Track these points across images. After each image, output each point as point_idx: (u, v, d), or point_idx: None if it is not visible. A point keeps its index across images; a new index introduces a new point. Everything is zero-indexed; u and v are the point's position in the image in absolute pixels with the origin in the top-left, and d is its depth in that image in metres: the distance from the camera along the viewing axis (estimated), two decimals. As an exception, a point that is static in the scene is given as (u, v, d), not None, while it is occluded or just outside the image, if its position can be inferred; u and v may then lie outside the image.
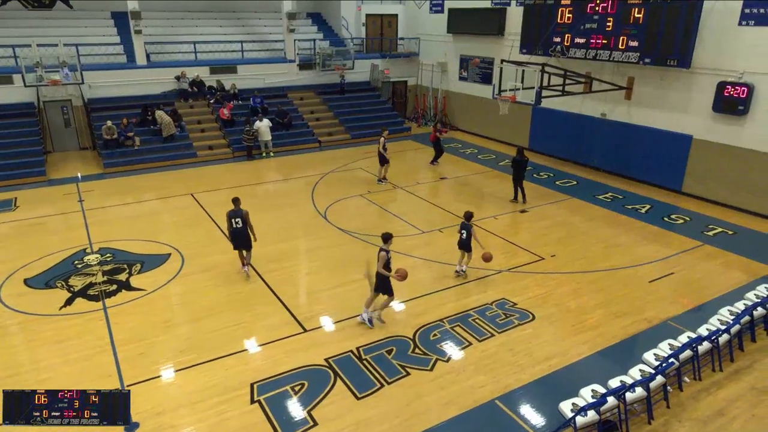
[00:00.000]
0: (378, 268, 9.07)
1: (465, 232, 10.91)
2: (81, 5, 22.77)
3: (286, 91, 23.75)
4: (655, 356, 7.89)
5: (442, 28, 24.16)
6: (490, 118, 21.47)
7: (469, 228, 10.87)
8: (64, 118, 20.41)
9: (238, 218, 10.82)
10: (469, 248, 11.01)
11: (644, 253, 12.45)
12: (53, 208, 15.06)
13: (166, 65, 22.08)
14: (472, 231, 10.86)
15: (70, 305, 10.06)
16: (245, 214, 10.84)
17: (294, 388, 7.88)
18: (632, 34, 15.86)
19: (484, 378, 8.16)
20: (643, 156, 17.25)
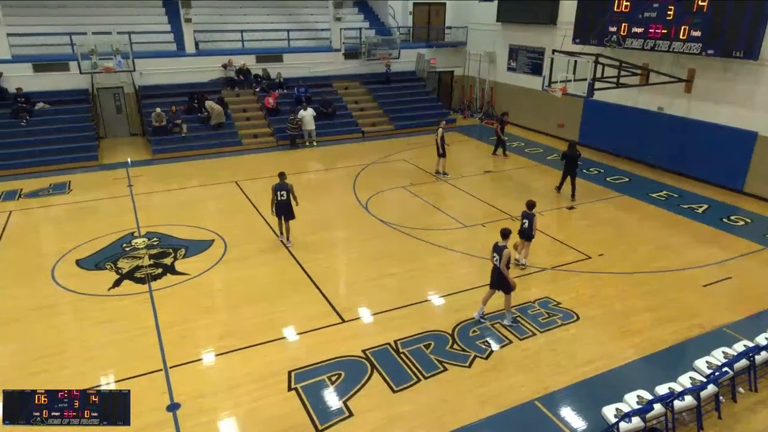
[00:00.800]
0: (501, 267, 8.92)
1: (527, 221, 10.91)
2: (134, -6, 23.58)
3: (331, 80, 23.92)
4: (708, 364, 7.59)
5: (492, 16, 23.74)
6: (538, 110, 21.02)
7: (531, 217, 10.85)
8: (116, 105, 21.22)
9: (284, 191, 11.85)
10: (530, 237, 11.01)
11: (699, 256, 11.95)
12: (104, 192, 15.72)
13: (213, 53, 22.60)
14: (534, 220, 10.85)
15: (118, 286, 10.50)
16: (290, 188, 11.92)
17: (331, 377, 7.99)
18: (695, 24, 15.16)
19: (523, 378, 8.06)
20: (702, 153, 16.51)
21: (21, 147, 17.80)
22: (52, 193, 15.58)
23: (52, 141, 18.22)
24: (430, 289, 10.57)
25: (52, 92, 19.57)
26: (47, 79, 19.53)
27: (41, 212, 14.34)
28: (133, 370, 8.06)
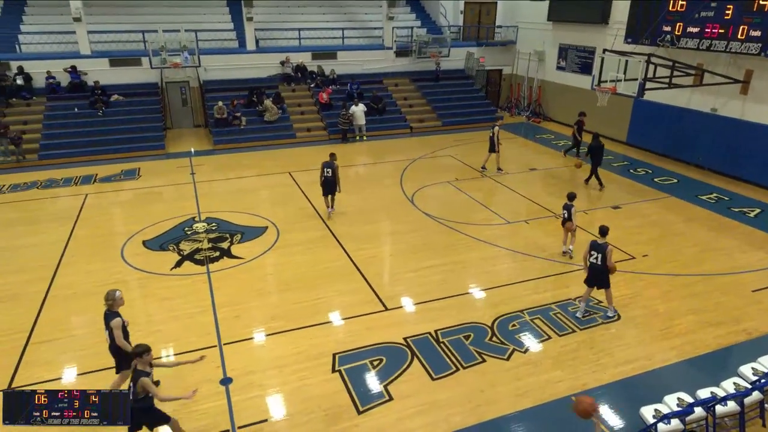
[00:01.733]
0: (609, 263, 8.69)
1: (566, 212, 11.03)
2: (201, -6, 24.27)
3: (381, 77, 23.93)
4: (753, 371, 7.19)
5: (543, 15, 23.10)
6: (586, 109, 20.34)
7: (570, 208, 10.94)
8: (182, 98, 21.97)
9: (330, 169, 12.84)
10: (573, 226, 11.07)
11: (749, 260, 11.33)
12: (169, 179, 16.33)
13: (272, 51, 23.00)
14: (573, 210, 10.89)
15: (179, 267, 10.92)
16: (336, 167, 12.88)
17: (373, 362, 8.07)
18: (754, 23, 14.26)
19: (561, 373, 7.89)
20: (756, 155, 15.58)
21: (97, 135, 18.70)
22: (124, 178, 16.32)
23: (125, 131, 19.06)
24: (471, 282, 10.48)
25: (125, 85, 20.46)
26: (122, 73, 20.43)
27: (113, 196, 15.06)
28: (191, 345, 8.39)
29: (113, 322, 6.85)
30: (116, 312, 6.96)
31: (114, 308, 6.96)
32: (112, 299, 6.90)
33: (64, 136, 18.45)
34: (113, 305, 6.95)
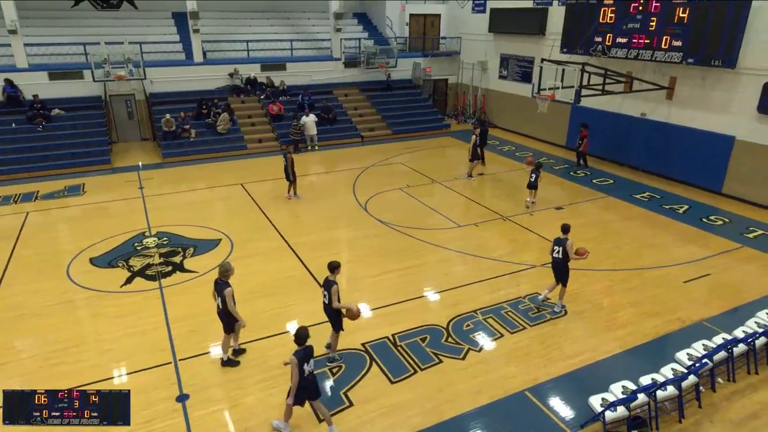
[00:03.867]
0: (571, 255, 9.08)
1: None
2: (145, 6, 23.36)
3: (331, 87, 23.92)
4: (689, 356, 7.62)
5: (484, 27, 23.78)
6: (528, 116, 21.06)
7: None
8: (128, 111, 21.20)
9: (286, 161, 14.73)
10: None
11: (680, 254, 11.99)
12: (116, 193, 15.69)
13: (220, 62, 22.58)
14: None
15: (130, 284, 10.50)
16: (290, 159, 14.87)
17: (332, 369, 8.01)
18: (676, 34, 15.20)
19: (514, 369, 8.08)
20: (683, 156, 16.56)
21: (38, 151, 17.74)
22: (68, 194, 15.56)
23: (67, 145, 18.20)
24: (427, 285, 10.59)
25: (67, 99, 19.54)
26: (62, 87, 19.50)
27: (57, 213, 14.32)
28: (145, 363, 8.07)
29: (226, 290, 7.66)
30: (228, 282, 7.75)
31: (226, 278, 7.77)
32: (226, 269, 7.80)
33: (1, 153, 17.41)
34: (226, 275, 7.79)
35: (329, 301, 7.80)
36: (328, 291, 7.74)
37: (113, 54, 18.67)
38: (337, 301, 7.70)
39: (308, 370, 6.45)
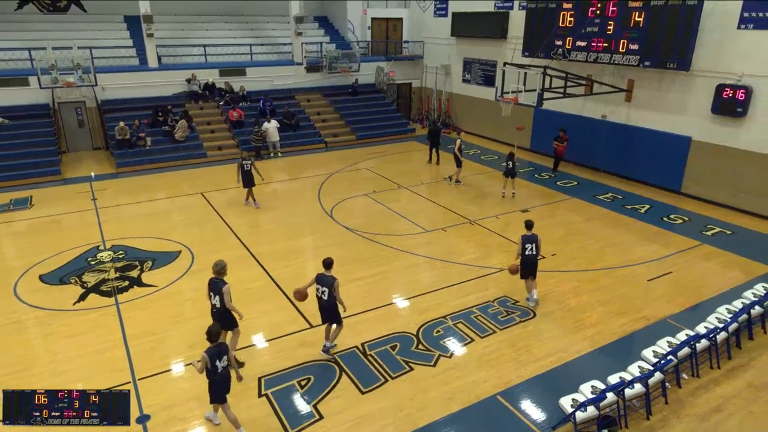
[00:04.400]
0: (338, 298, 8.34)
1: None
2: (95, 8, 22.89)
3: (293, 93, 23.78)
4: (654, 353, 7.86)
5: (446, 31, 24.12)
6: (492, 119, 21.43)
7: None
8: (78, 119, 20.51)
9: (248, 162, 14.56)
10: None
11: (643, 253, 12.40)
12: (67, 206, 15.13)
13: (177, 68, 22.14)
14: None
15: (83, 301, 10.13)
16: (254, 163, 14.70)
17: (300, 382, 7.91)
18: (633, 38, 15.79)
19: (486, 374, 8.16)
20: (643, 157, 17.17)
21: (-21, 163, 16.98)
22: (14, 208, 14.90)
23: (13, 156, 17.45)
24: (395, 292, 10.60)
25: (11, 107, 18.74)
26: (6, 94, 18.70)
27: (2, 228, 13.70)
28: (102, 383, 7.76)
29: (224, 288, 7.80)
30: (224, 279, 7.86)
31: (222, 275, 7.90)
32: (221, 266, 7.94)
33: (-62, 165, 16.58)
34: (222, 272, 7.92)
35: (327, 297, 8.15)
36: (328, 287, 8.11)
37: (61, 59, 18.05)
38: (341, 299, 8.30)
39: (221, 366, 6.63)
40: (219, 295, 7.83)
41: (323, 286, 8.14)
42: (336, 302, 8.21)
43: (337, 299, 8.18)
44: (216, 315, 7.99)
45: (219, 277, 7.91)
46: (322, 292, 8.17)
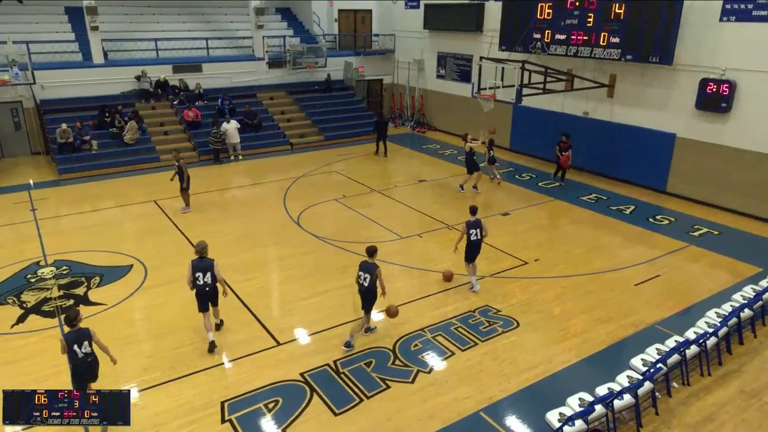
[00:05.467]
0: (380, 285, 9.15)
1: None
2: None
3: (254, 90, 23.61)
4: (643, 362, 8.01)
5: (419, 24, 24.32)
6: (469, 117, 21.65)
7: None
8: (14, 121, 19.92)
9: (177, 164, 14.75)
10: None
11: (629, 256, 12.67)
12: (2, 218, 14.64)
13: (125, 64, 21.76)
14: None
15: (22, 323, 9.80)
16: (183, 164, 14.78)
17: (267, 405, 7.79)
18: (614, 30, 16.19)
19: (468, 389, 8.19)
20: (627, 155, 17.59)
21: None
22: (-59, 221, 14.36)
23: (-61, 163, 16.85)
24: (369, 304, 10.55)
25: (-63, 109, 18.13)
26: (-69, 94, 18.08)
27: (-72, 244, 13.17)
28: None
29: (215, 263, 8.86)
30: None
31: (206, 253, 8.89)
32: (203, 246, 8.86)
33: None
34: (205, 251, 8.88)
35: (368, 284, 8.79)
36: (370, 273, 8.75)
37: (-6, 55, 17.52)
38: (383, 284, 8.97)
39: (82, 352, 6.93)
40: (210, 271, 8.77)
41: (365, 273, 8.83)
42: (375, 290, 8.88)
43: (380, 286, 8.89)
44: (208, 293, 8.92)
45: (204, 255, 8.82)
46: (364, 278, 8.85)
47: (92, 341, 7.06)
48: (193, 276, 8.77)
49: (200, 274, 8.76)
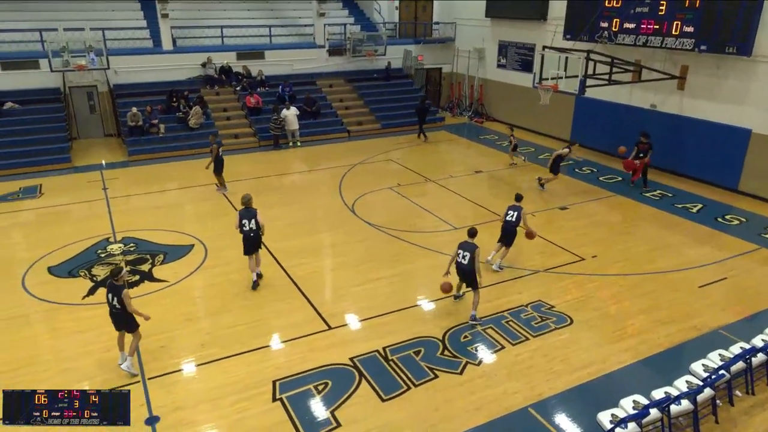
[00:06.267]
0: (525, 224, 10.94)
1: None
2: (108, -12, 23.36)
3: (314, 77, 23.89)
4: (704, 367, 7.66)
5: (481, 12, 23.87)
6: (529, 108, 21.17)
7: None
8: (90, 104, 21.00)
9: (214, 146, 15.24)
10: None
11: (694, 256, 12.10)
12: (77, 195, 15.52)
13: (192, 50, 22.47)
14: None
15: (92, 295, 10.37)
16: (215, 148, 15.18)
17: (317, 387, 7.96)
18: (687, 19, 15.37)
19: (517, 384, 8.09)
20: (696, 151, 16.73)
21: (-11, 149, 17.55)
22: (22, 197, 15.35)
23: (22, 142, 17.99)
24: (420, 293, 10.58)
25: (21, 91, 19.29)
26: (16, 78, 19.25)
27: (10, 217, 14.11)
28: (109, 383, 7.96)
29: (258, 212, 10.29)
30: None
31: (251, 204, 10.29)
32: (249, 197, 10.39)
33: (-53, 151, 17.19)
34: (251, 202, 10.33)
35: (467, 261, 9.23)
36: (470, 252, 9.20)
37: (73, 41, 18.45)
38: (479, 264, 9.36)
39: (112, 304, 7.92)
40: (254, 219, 10.20)
41: (465, 251, 9.30)
42: (472, 267, 9.23)
43: (476, 267, 9.22)
44: (252, 238, 10.29)
45: (249, 205, 10.25)
46: (463, 256, 9.31)
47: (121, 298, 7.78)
48: (240, 223, 10.16)
49: (246, 221, 10.15)
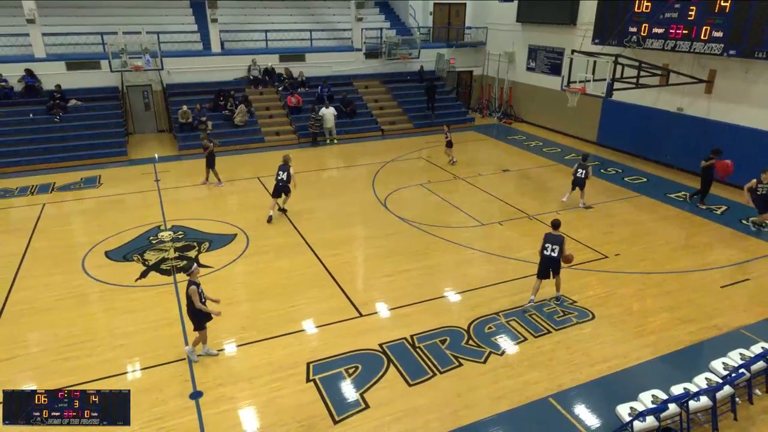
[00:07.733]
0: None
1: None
2: (163, -6, 23.88)
3: (351, 79, 23.95)
4: (724, 365, 7.44)
5: (512, 17, 23.50)
6: (557, 110, 20.79)
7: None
8: (145, 102, 21.54)
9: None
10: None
11: (717, 257, 11.71)
12: (132, 186, 15.97)
13: (238, 53, 22.79)
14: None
15: (144, 278, 10.68)
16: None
17: (348, 370, 8.03)
18: (717, 24, 14.80)
19: (538, 374, 7.99)
20: (723, 154, 16.09)
21: (55, 142, 18.18)
22: (84, 186, 15.89)
23: (84, 137, 18.59)
24: (447, 285, 10.54)
25: (84, 90, 19.93)
26: (79, 77, 19.90)
27: (73, 205, 14.64)
28: (158, 359, 8.20)
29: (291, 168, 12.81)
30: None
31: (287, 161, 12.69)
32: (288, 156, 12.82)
33: (18, 144, 17.87)
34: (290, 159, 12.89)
35: (557, 254, 9.28)
36: (559, 244, 9.25)
37: (130, 44, 18.98)
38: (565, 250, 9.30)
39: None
40: (287, 171, 13.06)
41: (553, 244, 9.29)
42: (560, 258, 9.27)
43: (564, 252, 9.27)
44: (281, 186, 13.14)
45: (286, 162, 13.11)
46: (551, 249, 9.30)
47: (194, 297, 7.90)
48: (277, 174, 13.02)
49: (280, 172, 13.00)
